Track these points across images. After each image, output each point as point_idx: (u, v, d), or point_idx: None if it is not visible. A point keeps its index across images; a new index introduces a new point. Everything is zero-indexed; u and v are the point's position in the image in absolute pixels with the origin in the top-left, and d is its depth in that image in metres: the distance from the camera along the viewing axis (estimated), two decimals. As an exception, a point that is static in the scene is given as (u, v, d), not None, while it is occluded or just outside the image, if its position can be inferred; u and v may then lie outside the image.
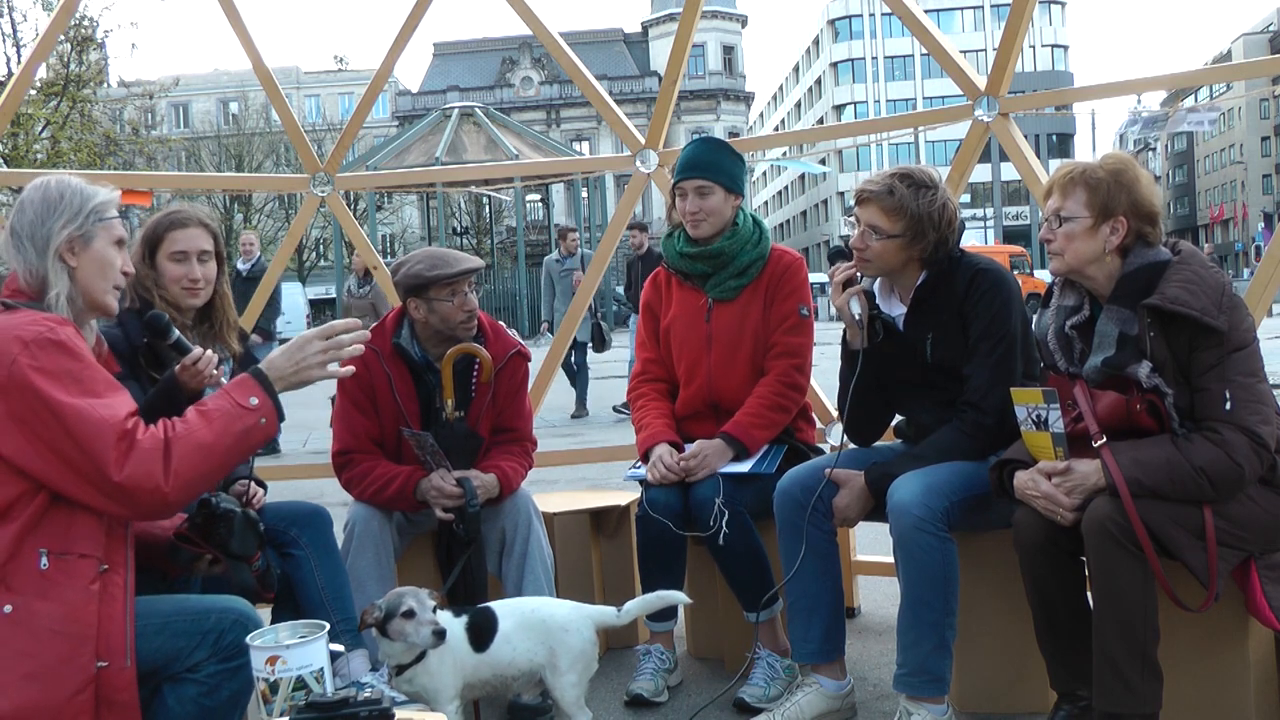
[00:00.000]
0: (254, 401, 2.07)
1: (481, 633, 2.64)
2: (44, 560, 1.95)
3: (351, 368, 2.21)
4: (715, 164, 3.31)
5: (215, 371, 2.48)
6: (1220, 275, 2.38)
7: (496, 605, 2.75)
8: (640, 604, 2.86)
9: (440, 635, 2.44)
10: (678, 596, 2.97)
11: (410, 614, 2.45)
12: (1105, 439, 2.35)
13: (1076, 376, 2.48)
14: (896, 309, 2.90)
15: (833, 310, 2.94)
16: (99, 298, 2.16)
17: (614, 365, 18.08)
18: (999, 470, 2.57)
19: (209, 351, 2.51)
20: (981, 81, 3.75)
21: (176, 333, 2.55)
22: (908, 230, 2.75)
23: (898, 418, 3.12)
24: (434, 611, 2.47)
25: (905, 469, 2.75)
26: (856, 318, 2.85)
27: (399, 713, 1.73)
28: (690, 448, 3.18)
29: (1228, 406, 2.29)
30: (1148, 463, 2.29)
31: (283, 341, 2.29)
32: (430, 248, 3.33)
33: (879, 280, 2.93)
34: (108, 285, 2.16)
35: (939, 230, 2.76)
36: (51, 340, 1.95)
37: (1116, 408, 2.37)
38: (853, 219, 2.88)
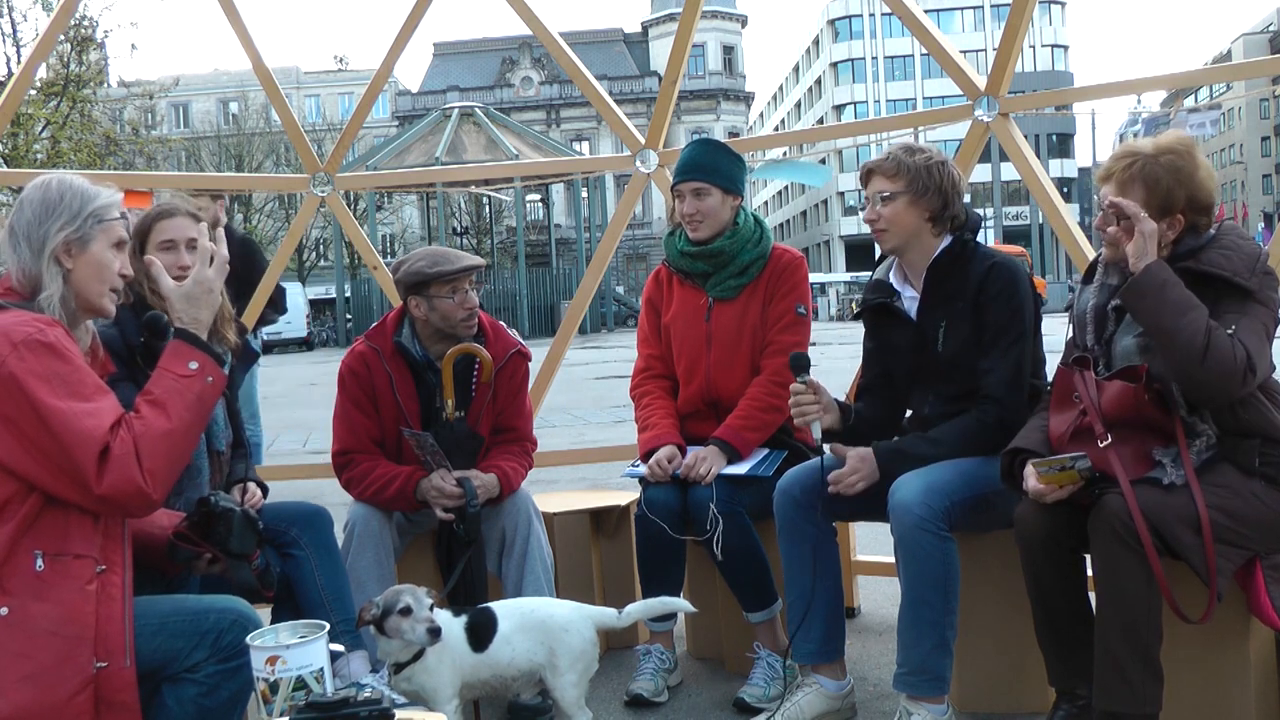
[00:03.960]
0: (194, 366, 2.09)
1: (481, 633, 2.64)
2: (39, 562, 1.94)
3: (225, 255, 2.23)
4: (712, 166, 3.31)
5: None
6: (1256, 246, 2.40)
7: (496, 605, 2.75)
8: (642, 608, 2.85)
9: (436, 633, 2.44)
10: (680, 604, 2.97)
11: (407, 611, 2.45)
12: (1110, 440, 2.34)
13: (1085, 363, 2.47)
14: (909, 292, 2.92)
15: (833, 310, 2.97)
16: (94, 300, 2.14)
17: (614, 365, 18.08)
18: (1010, 458, 2.56)
19: None
20: (981, 81, 3.75)
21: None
22: (910, 186, 2.80)
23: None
24: (431, 609, 2.47)
25: (918, 448, 2.76)
26: (816, 441, 2.91)
27: (399, 713, 1.73)
28: (687, 459, 3.19)
29: (1231, 329, 2.27)
30: (1177, 300, 2.27)
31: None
32: (431, 246, 3.33)
33: (894, 266, 2.95)
34: (103, 288, 2.14)
35: (940, 186, 2.81)
36: (41, 342, 1.94)
37: (1124, 397, 2.36)
38: (864, 202, 2.96)
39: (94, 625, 1.96)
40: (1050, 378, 2.88)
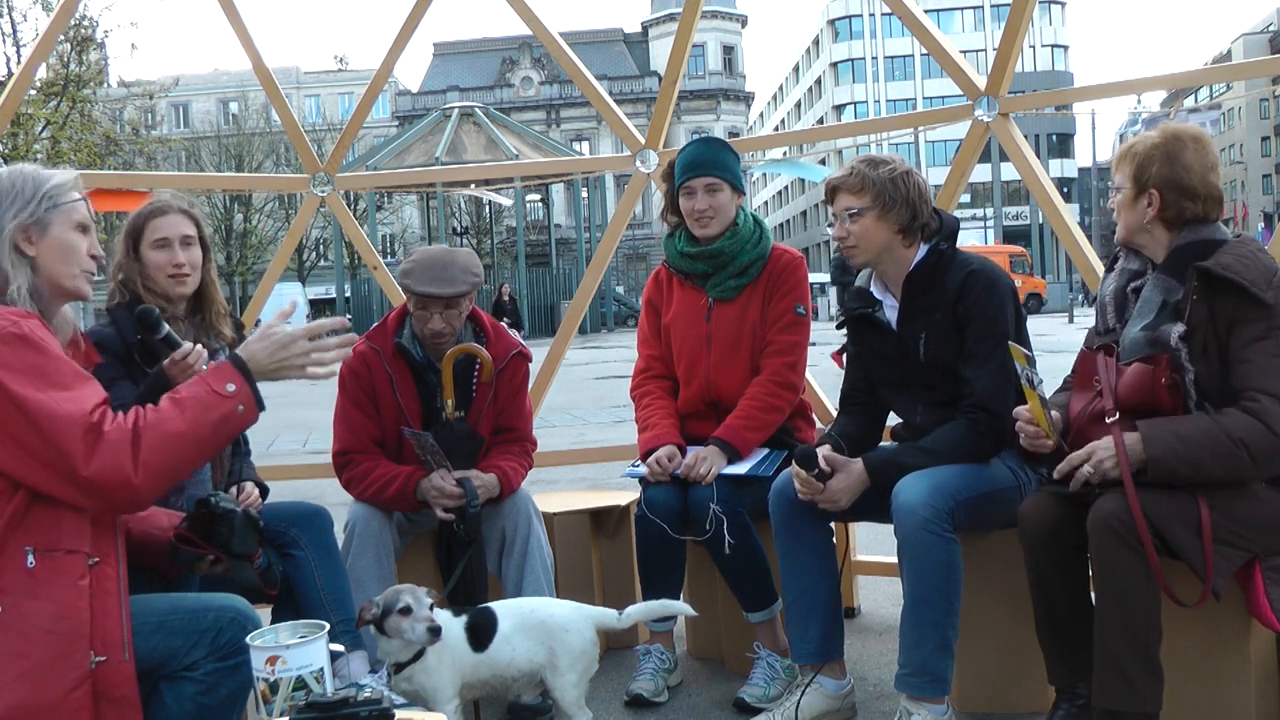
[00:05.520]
0: (231, 388, 2.03)
1: (481, 633, 2.64)
2: (30, 558, 1.92)
3: (334, 370, 2.19)
4: (722, 162, 3.32)
5: (204, 367, 2.47)
6: (1273, 260, 2.39)
7: (496, 605, 2.75)
8: (643, 610, 2.86)
9: (436, 632, 2.44)
10: (681, 608, 2.97)
11: (407, 610, 2.45)
12: (1117, 416, 2.34)
13: (1109, 349, 2.48)
14: (890, 301, 2.91)
15: (833, 310, 2.97)
16: (67, 283, 2.10)
17: (614, 365, 18.07)
18: None
19: (199, 346, 2.51)
20: (981, 81, 3.75)
21: (166, 327, 2.54)
22: (876, 200, 2.80)
23: (893, 419, 3.12)
24: (431, 609, 2.47)
25: (910, 459, 2.75)
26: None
27: (399, 713, 1.73)
28: (687, 459, 3.19)
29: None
30: (1187, 436, 2.27)
31: None
32: (438, 250, 3.24)
33: (874, 274, 2.94)
34: (74, 270, 2.10)
35: (907, 196, 2.80)
36: (15, 334, 1.91)
37: (1142, 381, 2.35)
38: (831, 219, 2.95)
39: (89, 620, 1.94)
40: (1040, 374, 2.92)
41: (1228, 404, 2.32)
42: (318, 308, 45.22)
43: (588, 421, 10.83)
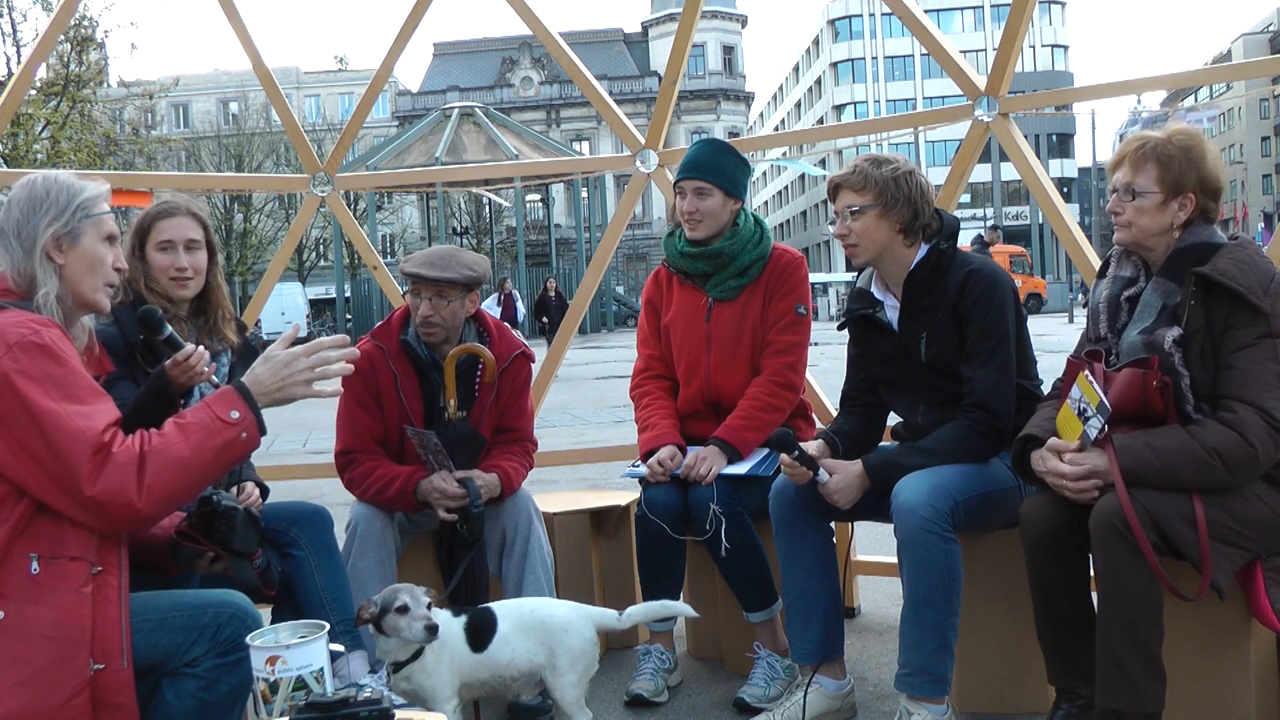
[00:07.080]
0: (235, 415, 2.04)
1: (480, 633, 2.64)
2: (34, 565, 1.93)
3: (339, 387, 2.19)
4: (717, 166, 3.31)
5: (207, 369, 2.47)
6: (1271, 265, 2.40)
7: (496, 606, 2.75)
8: (643, 611, 2.86)
9: (433, 630, 2.44)
10: (682, 608, 2.97)
11: (404, 609, 2.45)
12: (1107, 430, 2.34)
13: (1096, 355, 2.48)
14: (891, 301, 2.91)
15: (833, 310, 2.96)
16: (88, 295, 2.12)
17: (614, 365, 18.08)
18: (1022, 445, 2.57)
19: (200, 348, 2.51)
20: (981, 81, 3.75)
21: (169, 328, 2.54)
22: (879, 199, 2.80)
23: (893, 419, 3.12)
24: (429, 607, 2.47)
25: (910, 459, 2.75)
26: (823, 481, 2.80)
27: (399, 713, 1.73)
28: (687, 459, 3.19)
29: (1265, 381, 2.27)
30: (1161, 449, 2.29)
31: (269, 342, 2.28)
32: (444, 247, 3.28)
33: (874, 275, 2.94)
34: (98, 283, 2.13)
35: (909, 197, 2.80)
36: (36, 343, 1.92)
37: (1133, 384, 2.35)
38: (832, 217, 2.95)
39: (90, 627, 1.95)
40: (1040, 374, 2.91)
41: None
42: (318, 308, 45.27)
43: (588, 421, 10.84)
